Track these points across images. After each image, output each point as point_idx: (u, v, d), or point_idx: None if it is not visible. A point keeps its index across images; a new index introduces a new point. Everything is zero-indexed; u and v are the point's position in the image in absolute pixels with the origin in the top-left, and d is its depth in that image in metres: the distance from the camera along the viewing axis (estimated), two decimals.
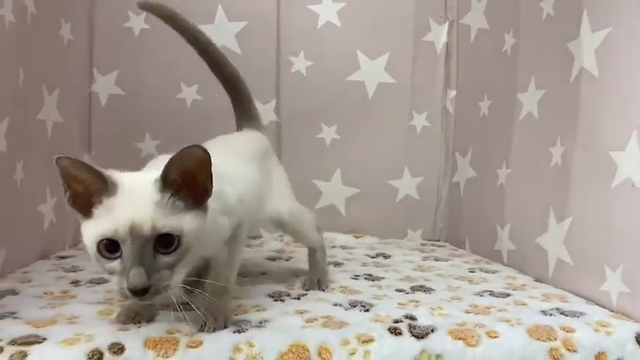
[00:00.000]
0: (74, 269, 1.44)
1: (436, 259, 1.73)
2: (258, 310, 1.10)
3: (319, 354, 0.92)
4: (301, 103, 1.98)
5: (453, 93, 2.08)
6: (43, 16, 1.47)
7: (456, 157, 2.03)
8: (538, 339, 0.99)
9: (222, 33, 1.90)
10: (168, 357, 0.88)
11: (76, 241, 1.81)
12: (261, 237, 1.96)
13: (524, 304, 1.20)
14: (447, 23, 2.07)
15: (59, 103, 1.63)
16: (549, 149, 1.43)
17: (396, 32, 2.03)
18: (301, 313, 1.09)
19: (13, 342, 0.88)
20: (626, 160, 1.16)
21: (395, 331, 0.98)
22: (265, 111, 1.95)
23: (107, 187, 0.84)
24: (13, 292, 1.19)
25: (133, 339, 0.91)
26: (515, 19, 1.64)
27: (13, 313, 1.04)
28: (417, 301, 1.20)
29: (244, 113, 1.42)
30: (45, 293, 1.20)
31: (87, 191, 0.85)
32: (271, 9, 1.95)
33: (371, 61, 2.02)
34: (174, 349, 0.89)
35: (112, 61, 1.87)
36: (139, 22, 1.89)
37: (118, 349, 0.88)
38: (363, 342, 0.95)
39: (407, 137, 2.07)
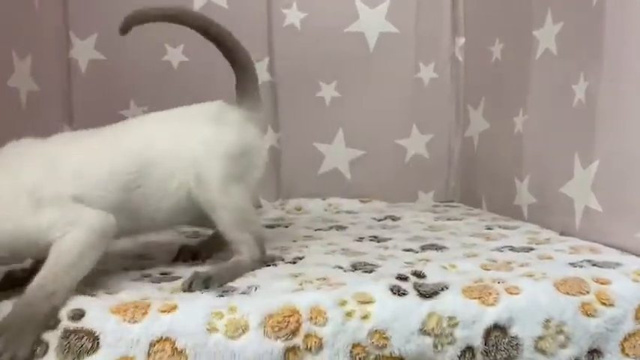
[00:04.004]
0: None
1: (449, 219, 1.58)
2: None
3: (311, 317, 0.80)
4: (296, 59, 1.82)
5: (462, 41, 1.91)
6: None
7: (468, 110, 1.87)
8: (567, 293, 0.86)
9: None
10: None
11: None
12: (261, 207, 1.82)
13: (549, 258, 1.06)
14: None
15: (33, 70, 1.52)
16: (571, 87, 1.28)
17: None
18: (295, 276, 0.96)
19: None
20: None
21: (398, 292, 0.85)
22: (257, 70, 1.79)
23: None
24: None
25: None
26: None
27: None
28: (427, 260, 1.06)
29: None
30: None
31: None
32: None
33: (370, 10, 1.85)
34: None
35: (90, 24, 1.72)
36: None
37: None
38: (362, 303, 0.82)
39: (413, 91, 1.90)
